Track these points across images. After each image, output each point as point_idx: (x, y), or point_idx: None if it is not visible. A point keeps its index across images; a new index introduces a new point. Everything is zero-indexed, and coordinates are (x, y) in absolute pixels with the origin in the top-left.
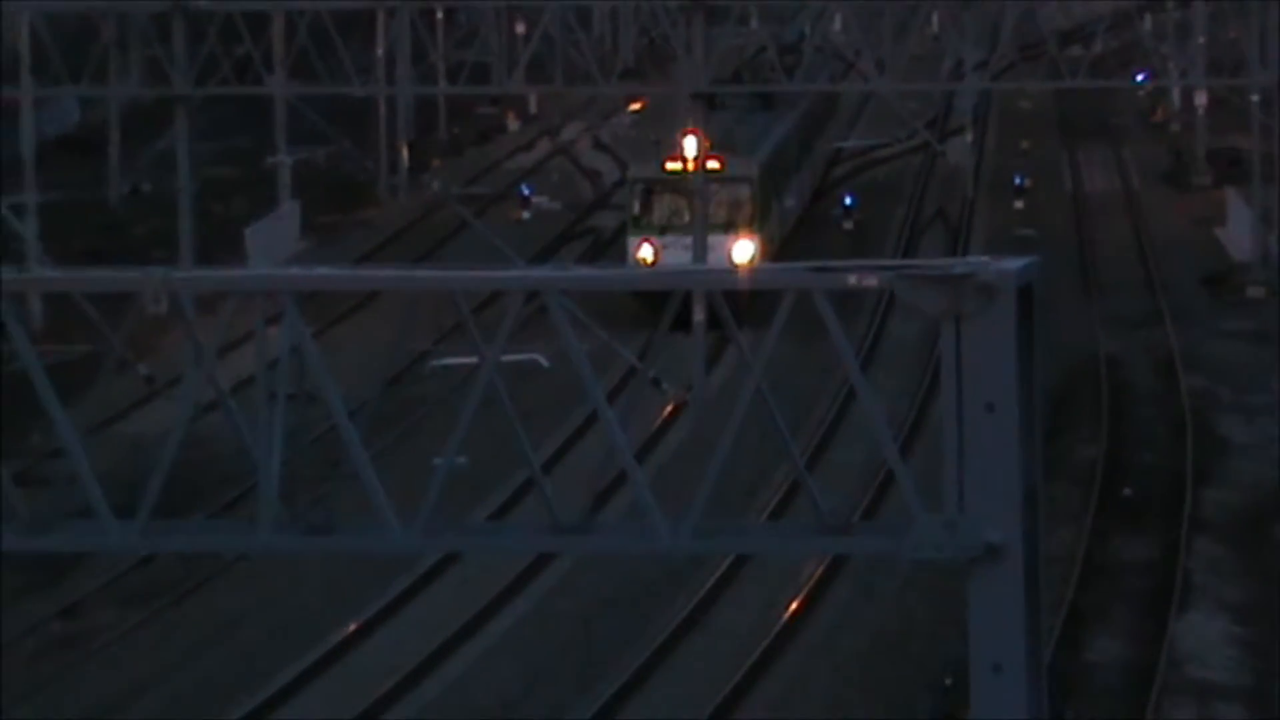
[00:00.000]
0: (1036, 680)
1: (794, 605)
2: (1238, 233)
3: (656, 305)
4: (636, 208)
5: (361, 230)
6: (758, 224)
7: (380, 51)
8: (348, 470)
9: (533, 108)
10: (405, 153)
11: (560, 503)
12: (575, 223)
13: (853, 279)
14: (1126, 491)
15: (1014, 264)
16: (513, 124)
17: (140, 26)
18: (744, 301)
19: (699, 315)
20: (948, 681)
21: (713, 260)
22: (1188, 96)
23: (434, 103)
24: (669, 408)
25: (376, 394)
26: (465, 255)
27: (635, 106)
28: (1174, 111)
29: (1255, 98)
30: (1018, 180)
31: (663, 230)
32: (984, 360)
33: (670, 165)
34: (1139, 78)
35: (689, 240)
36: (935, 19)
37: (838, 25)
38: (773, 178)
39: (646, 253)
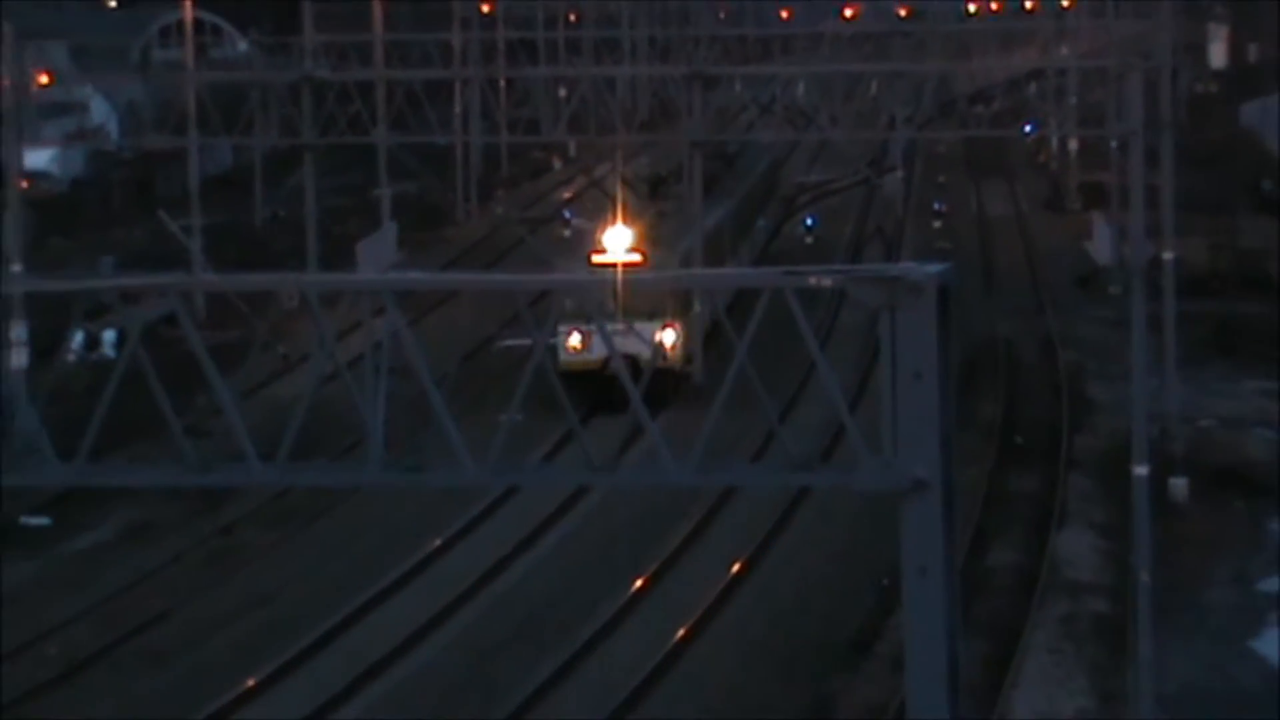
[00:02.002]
0: (951, 580)
1: (769, 527)
2: (1101, 245)
3: (583, 386)
4: (565, 299)
5: (443, 245)
6: (681, 311)
7: (458, 110)
8: (434, 425)
9: (572, 152)
10: (475, 186)
11: (593, 449)
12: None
13: (813, 280)
14: (1018, 439)
15: (934, 268)
16: (557, 164)
17: (277, 92)
18: (670, 383)
19: (698, 307)
20: (885, 582)
21: (637, 347)
22: (1063, 143)
23: (498, 149)
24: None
25: (455, 367)
26: (521, 263)
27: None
28: (1053, 154)
29: (1114, 144)
30: (936, 206)
31: (589, 319)
32: (912, 340)
33: (595, 259)
34: (1027, 129)
35: (615, 328)
36: (875, 84)
37: (801, 90)
38: (701, 264)
39: (575, 340)
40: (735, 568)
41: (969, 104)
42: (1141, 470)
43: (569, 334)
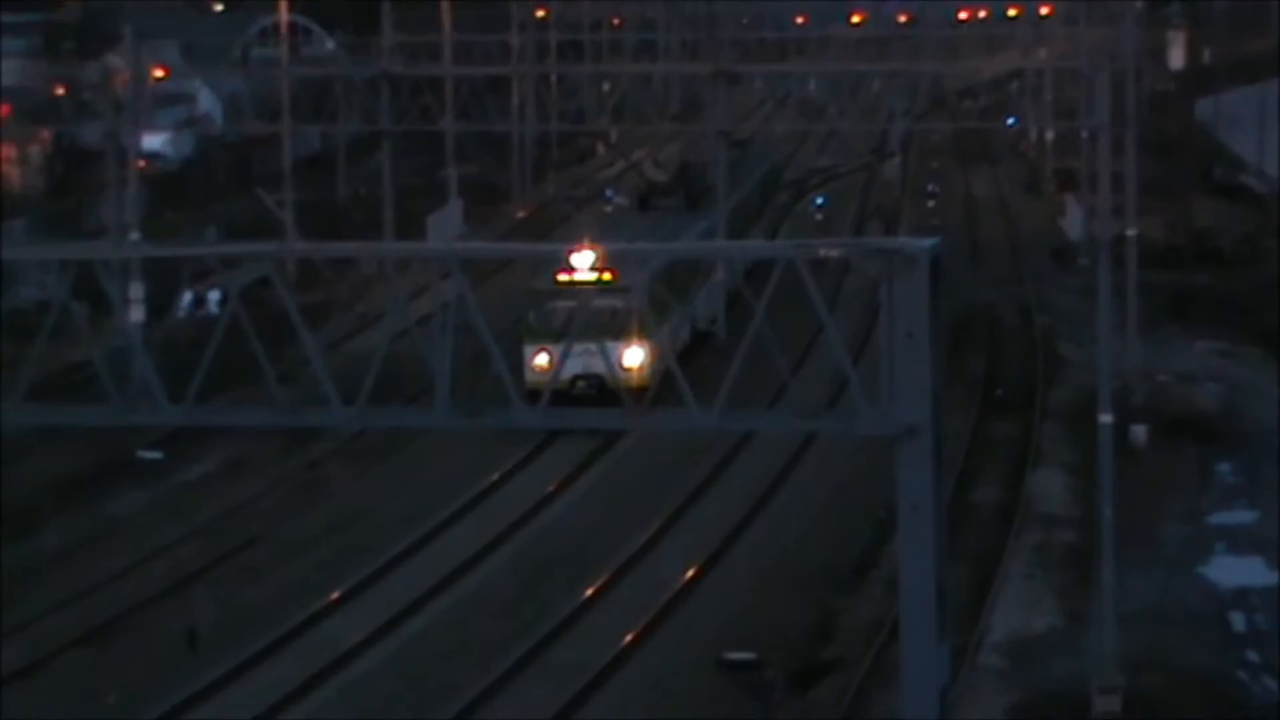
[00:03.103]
0: (939, 515)
1: (780, 467)
2: (1072, 223)
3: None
4: (532, 317)
5: (501, 219)
6: (649, 330)
7: (515, 102)
8: (493, 374)
9: (613, 139)
10: (529, 168)
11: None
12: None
13: (822, 251)
14: (999, 392)
15: (927, 242)
16: (600, 150)
17: (359, 85)
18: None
19: (721, 274)
20: (881, 514)
21: (601, 366)
22: (1040, 134)
23: (549, 135)
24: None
25: (511, 326)
26: (569, 236)
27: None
28: (1031, 144)
29: (1084, 135)
30: (929, 188)
31: (557, 338)
32: (907, 305)
33: (562, 277)
34: (1009, 121)
35: (581, 347)
36: (877, 82)
37: (812, 86)
38: (675, 281)
39: (543, 360)
40: (747, 505)
41: (959, 100)
42: (1106, 419)
43: (536, 354)
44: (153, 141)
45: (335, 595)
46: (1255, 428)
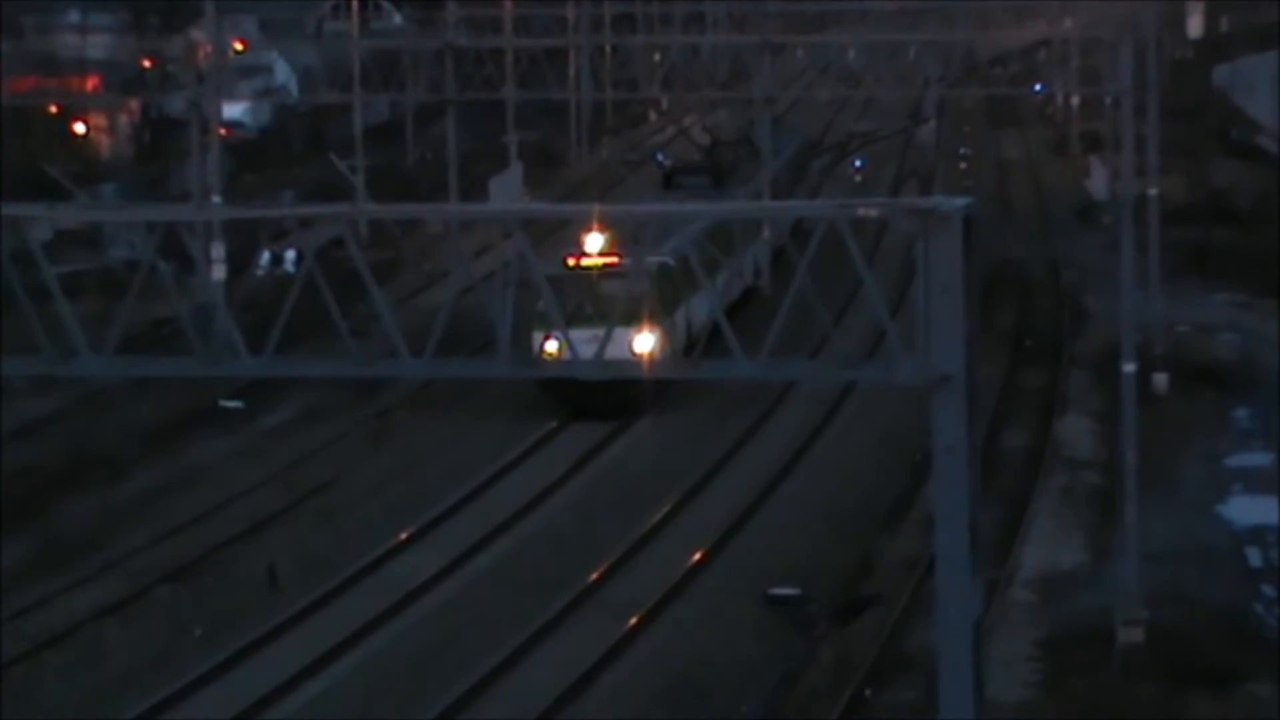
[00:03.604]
0: (972, 458)
1: (821, 416)
2: (1097, 183)
3: (559, 395)
4: (540, 304)
5: (559, 183)
6: (660, 317)
7: (571, 71)
8: (551, 328)
9: (664, 106)
10: (585, 134)
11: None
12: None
13: (861, 211)
14: (1028, 343)
15: (960, 201)
16: (652, 116)
17: (425, 57)
18: (646, 393)
19: (766, 233)
20: (917, 458)
21: (614, 352)
22: (1067, 99)
23: (604, 103)
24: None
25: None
26: (623, 196)
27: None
28: (1058, 109)
29: (1108, 100)
30: (962, 151)
31: (566, 324)
32: (941, 261)
33: (571, 261)
34: (1037, 87)
35: (590, 334)
36: (912, 51)
37: (851, 55)
38: (691, 265)
39: (552, 346)
40: (795, 447)
41: (990, 67)
42: (1129, 367)
43: (545, 340)
44: (233, 110)
45: (404, 535)
46: (1271, 375)
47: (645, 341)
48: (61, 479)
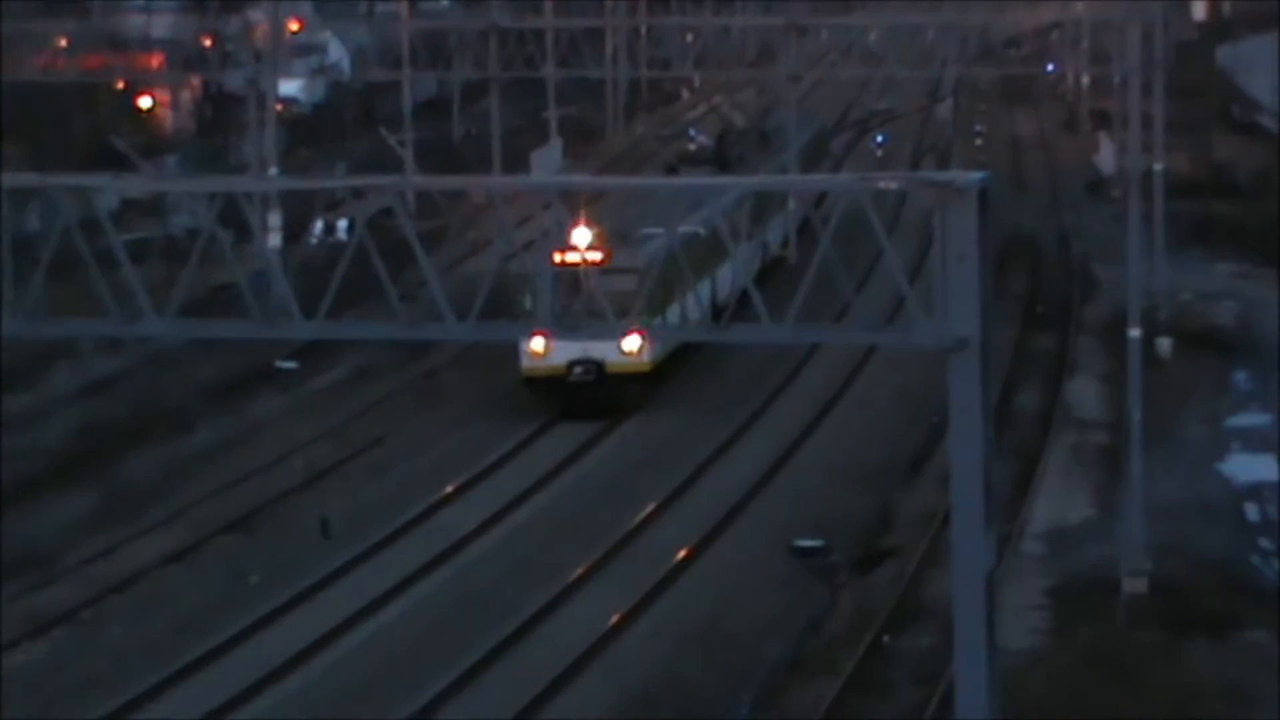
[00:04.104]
0: (986, 417)
1: (844, 374)
2: (1105, 158)
3: (545, 393)
4: (528, 301)
5: (596, 157)
6: (650, 314)
7: (608, 51)
8: (586, 292)
9: (696, 84)
10: (622, 111)
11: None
12: (718, 150)
13: (882, 184)
14: (1039, 309)
15: (976, 175)
16: (685, 94)
17: (471, 37)
18: (633, 393)
19: (793, 205)
20: (934, 418)
21: (599, 351)
22: (1077, 79)
23: (639, 81)
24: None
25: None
26: (657, 170)
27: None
28: (1069, 88)
29: (1117, 79)
30: (977, 127)
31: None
32: (958, 231)
33: (559, 257)
34: (1050, 67)
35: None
36: (931, 33)
37: (873, 37)
38: (684, 258)
39: (538, 344)
40: (819, 407)
41: (1004, 48)
42: (1135, 332)
43: (531, 339)
44: (289, 87)
45: (450, 488)
46: (1269, 340)
47: (634, 340)
48: (128, 434)
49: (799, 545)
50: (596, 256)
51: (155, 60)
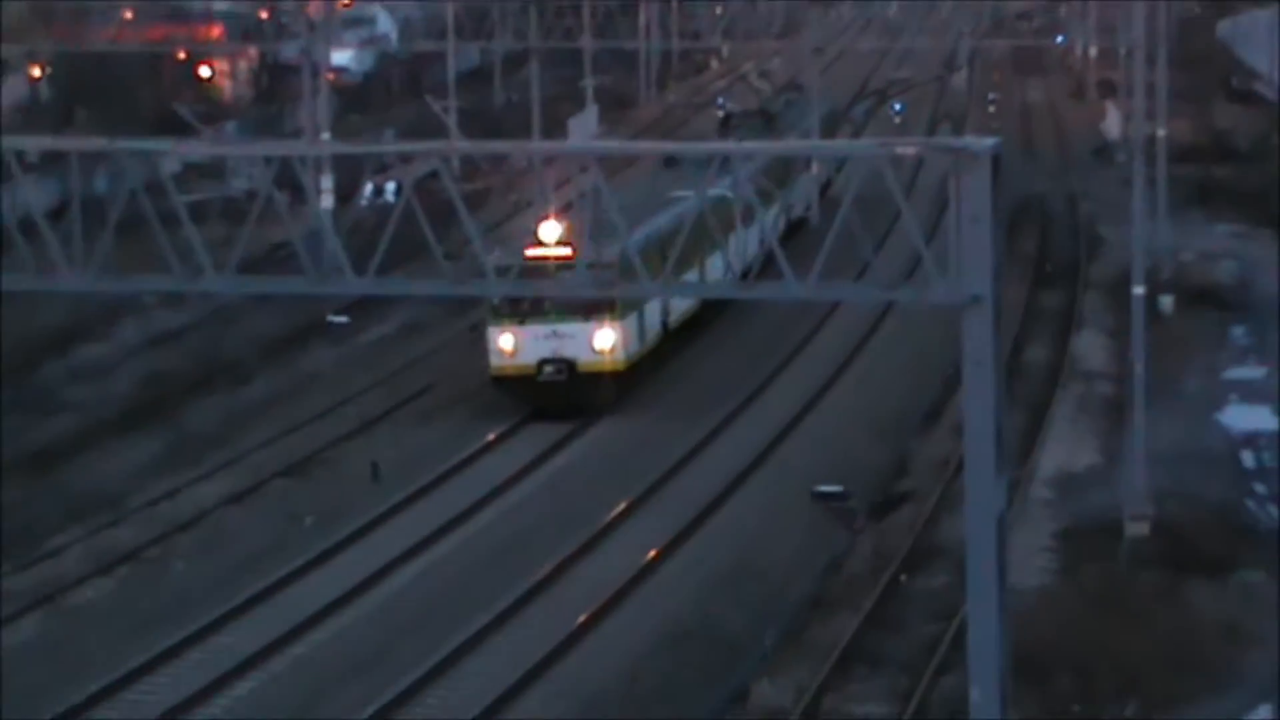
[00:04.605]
0: (998, 370)
1: (862, 331)
2: (1111, 125)
3: (517, 392)
4: (496, 297)
5: (630, 123)
6: (622, 311)
7: (642, 23)
8: (623, 250)
9: (725, 54)
10: (654, 80)
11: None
12: (745, 118)
13: (900, 150)
14: (1048, 268)
15: (989, 141)
16: (714, 64)
17: (512, 9)
18: (606, 392)
19: (815, 169)
20: (949, 370)
21: (570, 349)
22: (1085, 50)
23: (671, 52)
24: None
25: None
26: (690, 135)
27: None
28: (1077, 58)
29: (1122, 50)
30: (990, 96)
31: (523, 320)
32: (972, 194)
33: (530, 253)
34: (1059, 39)
35: (549, 329)
36: (947, 6)
37: (893, 9)
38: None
39: (507, 343)
40: (837, 364)
41: (1016, 21)
42: (1139, 290)
43: (499, 336)
44: (340, 57)
45: (491, 436)
46: (1266, 297)
47: (606, 338)
48: (191, 384)
49: (820, 490)
50: (565, 252)
51: (215, 32)
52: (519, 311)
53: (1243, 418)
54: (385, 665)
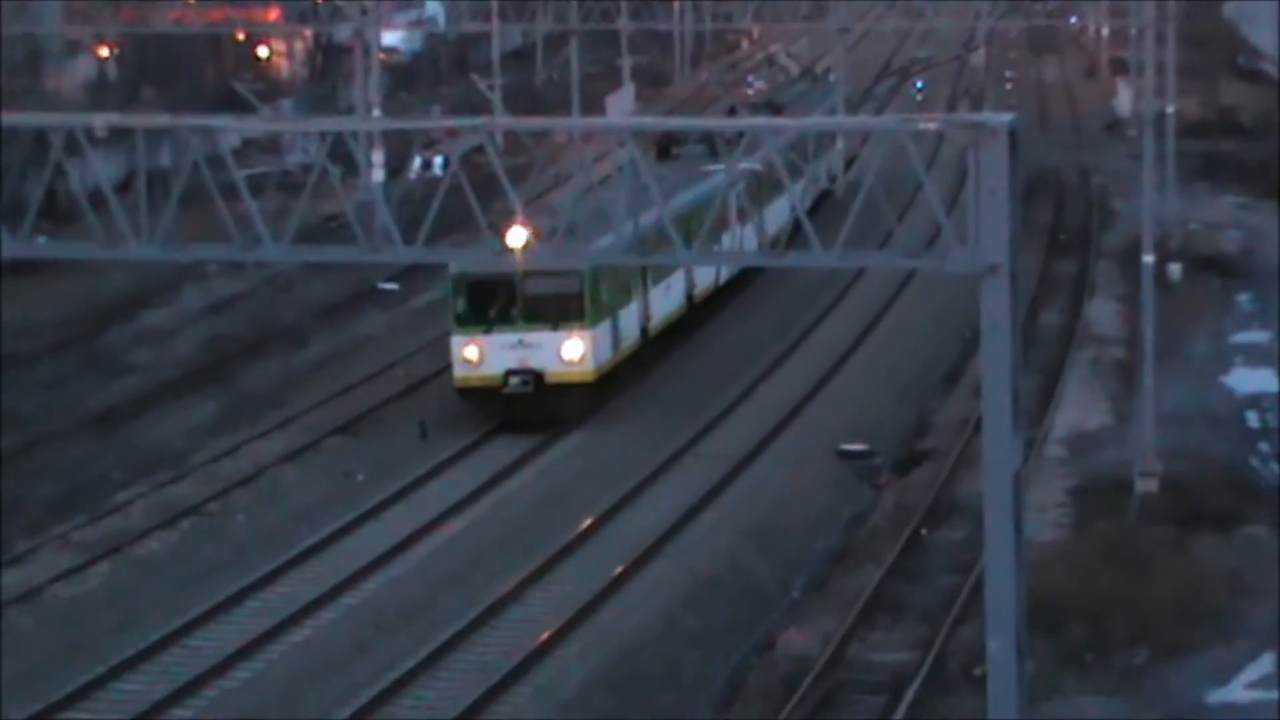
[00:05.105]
0: (1014, 334)
1: (888, 296)
2: (1122, 102)
3: (483, 403)
4: (460, 305)
5: (664, 100)
6: (592, 319)
7: (676, 4)
8: (660, 221)
9: (755, 35)
10: (688, 59)
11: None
12: (773, 96)
13: (921, 125)
14: (1062, 237)
15: (1006, 117)
16: (745, 44)
17: None
18: (574, 404)
19: (840, 144)
20: (967, 335)
21: (538, 360)
22: (1098, 30)
23: (704, 32)
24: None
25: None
26: (719, 112)
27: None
28: (1090, 38)
29: (1134, 30)
30: (1007, 74)
31: (488, 329)
32: (990, 167)
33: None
34: (1073, 20)
35: (515, 339)
36: None
37: None
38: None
39: (472, 353)
40: (867, 321)
41: (1032, 1)
42: (1148, 258)
43: (464, 346)
44: (390, 38)
45: None
46: (1269, 266)
47: (575, 348)
48: (249, 348)
49: (845, 449)
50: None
51: (272, 14)
52: (484, 320)
53: (1247, 380)
54: (432, 613)
